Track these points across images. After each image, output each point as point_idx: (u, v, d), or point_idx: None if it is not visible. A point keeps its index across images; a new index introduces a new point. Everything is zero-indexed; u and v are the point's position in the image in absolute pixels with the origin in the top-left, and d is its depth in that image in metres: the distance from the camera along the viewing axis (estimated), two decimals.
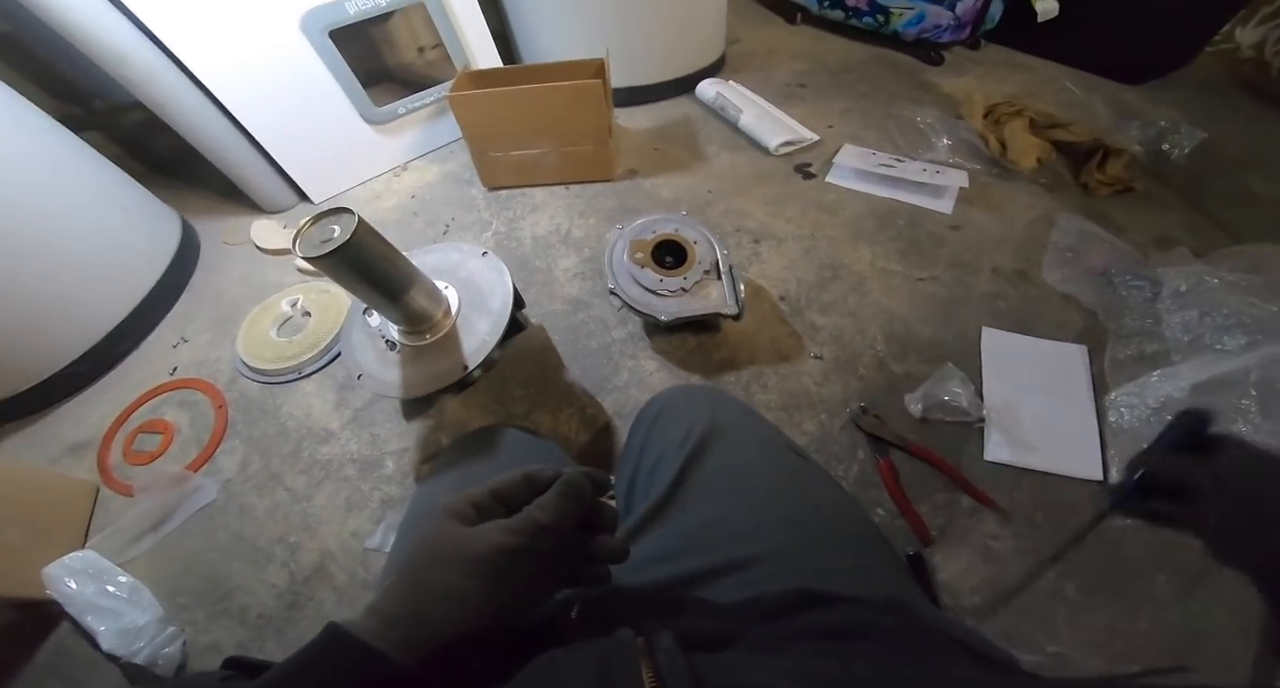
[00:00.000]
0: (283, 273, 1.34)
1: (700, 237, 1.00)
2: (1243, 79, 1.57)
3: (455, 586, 0.28)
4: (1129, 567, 0.77)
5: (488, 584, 0.28)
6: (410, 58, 1.59)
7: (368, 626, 0.26)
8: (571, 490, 0.32)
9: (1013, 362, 0.98)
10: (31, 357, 1.09)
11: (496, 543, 0.29)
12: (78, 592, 0.82)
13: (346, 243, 0.62)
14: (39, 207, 1.06)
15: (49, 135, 1.15)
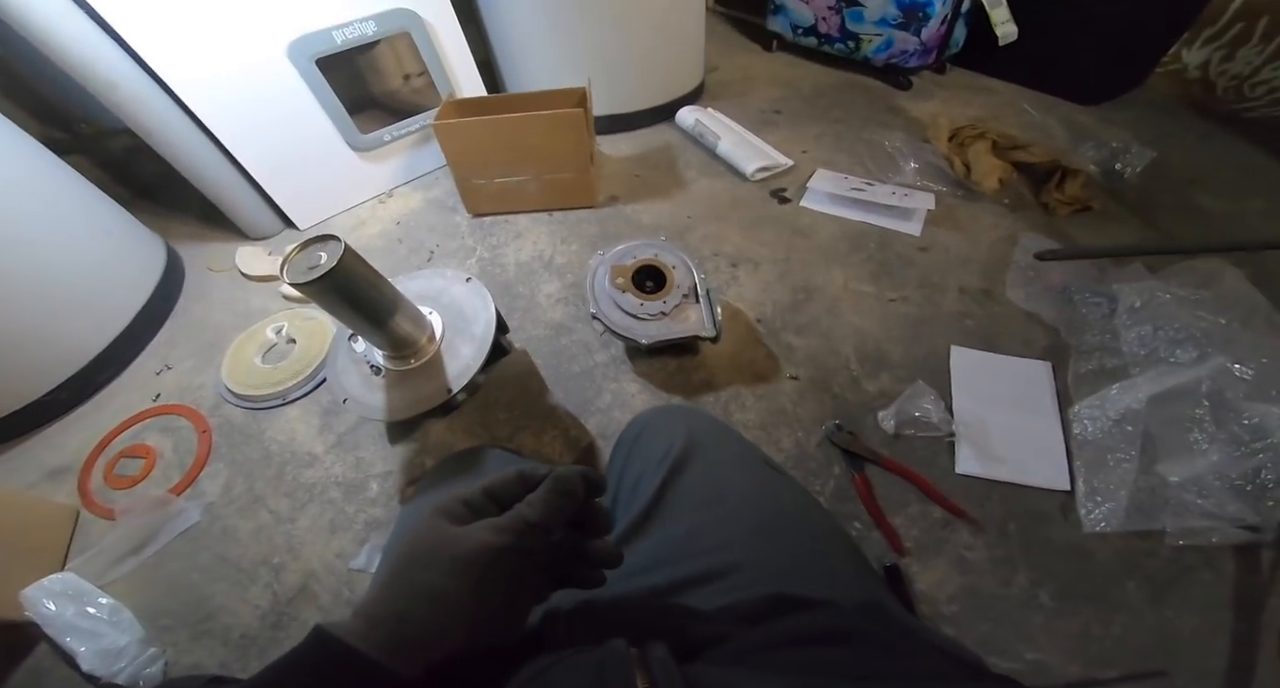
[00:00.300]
0: (268, 300, 1.35)
1: (679, 261, 1.04)
2: (1191, 98, 1.65)
3: (440, 586, 0.27)
4: (1100, 574, 0.80)
5: (473, 584, 0.27)
6: (396, 85, 1.63)
7: (352, 627, 0.26)
8: (562, 487, 0.32)
9: (981, 378, 1.02)
10: (11, 383, 1.08)
11: (482, 542, 0.28)
12: (57, 613, 0.82)
13: (333, 269, 0.64)
14: (22, 231, 1.07)
15: (33, 159, 1.15)
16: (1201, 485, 0.82)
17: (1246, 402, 0.84)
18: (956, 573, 0.81)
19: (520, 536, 0.29)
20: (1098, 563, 0.81)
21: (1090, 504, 0.84)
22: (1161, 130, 1.54)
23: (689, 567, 0.43)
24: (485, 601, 0.28)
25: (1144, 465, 0.86)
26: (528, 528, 0.30)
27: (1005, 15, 1.62)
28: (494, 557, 0.28)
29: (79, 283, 1.15)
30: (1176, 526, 0.81)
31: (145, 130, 1.21)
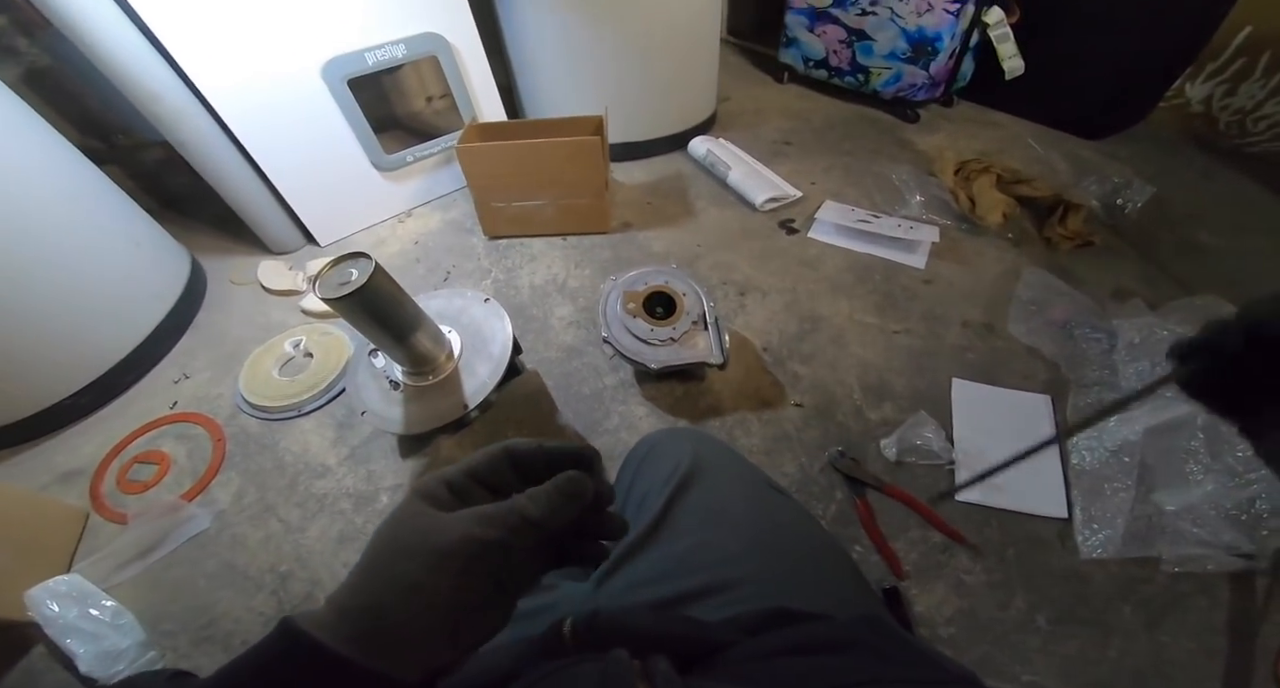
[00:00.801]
0: (286, 314, 1.38)
1: (689, 289, 1.07)
2: (1194, 133, 1.68)
3: (417, 579, 0.25)
4: (1097, 599, 0.81)
5: (454, 579, 0.25)
6: (419, 107, 1.68)
7: (320, 618, 0.24)
8: (571, 488, 0.29)
9: (981, 410, 1.05)
10: (34, 385, 1.11)
11: (468, 534, 0.26)
12: (60, 615, 0.83)
13: (363, 286, 0.67)
14: (58, 237, 1.11)
15: (75, 167, 1.20)
16: (1196, 514, 0.84)
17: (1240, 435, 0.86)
18: (955, 596, 0.83)
19: (514, 531, 0.27)
20: (1094, 588, 0.82)
21: (1088, 531, 0.86)
22: (1163, 165, 1.57)
23: (692, 580, 0.44)
24: (467, 594, 0.26)
25: (1140, 495, 0.88)
26: (524, 524, 0.27)
27: (1013, 50, 1.66)
28: (479, 550, 0.26)
29: (107, 290, 1.19)
30: (1172, 553, 0.83)
31: (181, 143, 1.26)
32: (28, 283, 1.05)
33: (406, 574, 0.25)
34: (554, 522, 0.28)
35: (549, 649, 0.38)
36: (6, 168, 1.03)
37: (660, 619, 0.40)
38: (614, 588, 0.48)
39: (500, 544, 0.26)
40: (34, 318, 1.07)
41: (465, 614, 0.26)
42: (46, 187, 1.11)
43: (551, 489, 0.29)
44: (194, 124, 1.23)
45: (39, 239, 1.07)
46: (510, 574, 0.28)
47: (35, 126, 1.14)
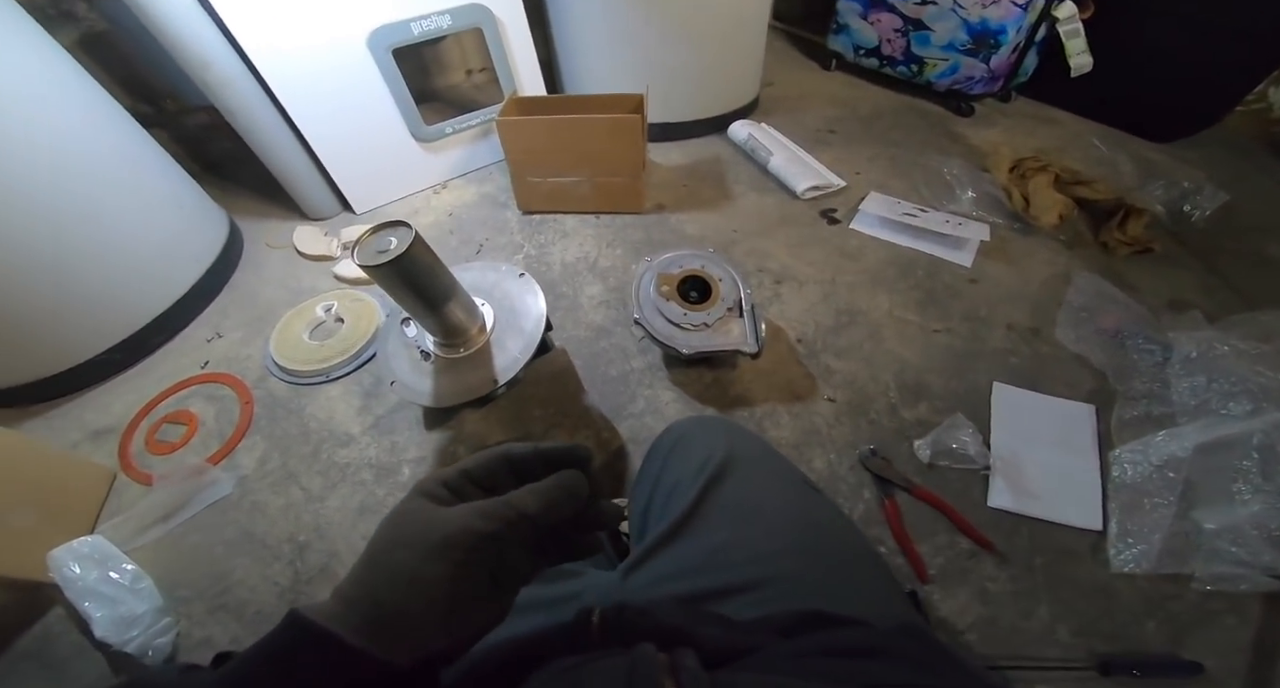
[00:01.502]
0: (319, 278, 1.38)
1: (725, 274, 1.04)
2: (1272, 140, 1.59)
3: (416, 569, 0.26)
4: (1122, 614, 0.79)
5: (452, 569, 0.26)
6: (458, 79, 1.67)
7: (327, 610, 0.25)
8: (569, 484, 0.31)
9: (1021, 416, 1.01)
10: (69, 340, 1.13)
11: (466, 527, 0.27)
12: (80, 576, 0.83)
13: (402, 255, 0.66)
14: (108, 196, 1.12)
15: (126, 130, 1.22)
16: (1238, 534, 0.81)
17: None
18: (978, 603, 0.81)
19: (510, 525, 0.28)
20: (1121, 602, 0.80)
21: (1121, 545, 0.84)
22: (1236, 172, 1.49)
23: (723, 577, 0.44)
24: (464, 586, 0.27)
25: (1180, 511, 0.85)
26: (520, 519, 0.28)
27: (1082, 46, 1.58)
28: (476, 542, 0.27)
29: (149, 249, 1.21)
30: (1206, 571, 0.80)
31: (228, 109, 1.27)
32: (74, 239, 1.07)
33: (405, 565, 0.26)
34: (550, 517, 0.29)
35: (575, 638, 0.38)
36: (62, 128, 1.05)
37: (689, 615, 0.39)
38: (641, 580, 0.47)
39: (496, 537, 0.27)
40: (76, 273, 1.08)
41: (461, 605, 0.27)
42: (99, 147, 1.12)
43: (550, 486, 0.30)
44: (241, 90, 1.25)
45: (89, 198, 1.09)
46: (505, 568, 0.29)
47: (89, 89, 1.15)
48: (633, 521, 0.61)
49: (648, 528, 0.55)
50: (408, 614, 0.25)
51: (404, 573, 0.26)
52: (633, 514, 0.61)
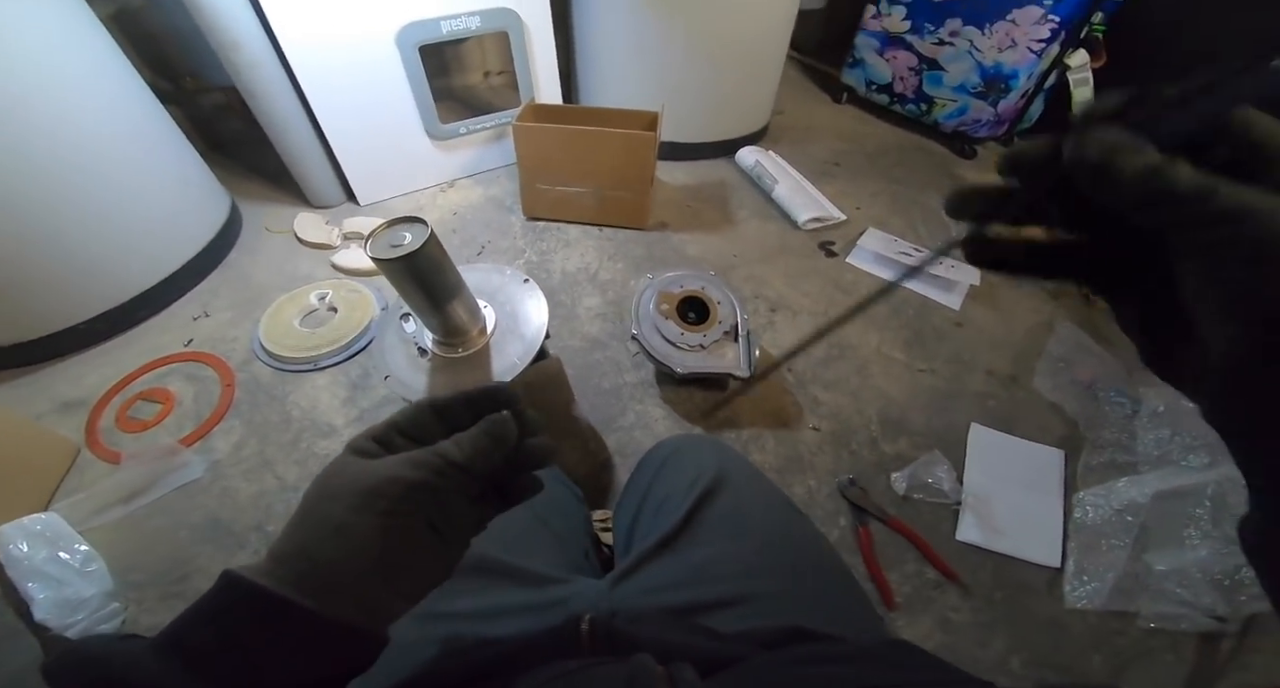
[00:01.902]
0: (315, 266, 1.37)
1: (725, 298, 1.06)
2: None
3: (343, 520, 0.26)
4: (1072, 647, 0.83)
5: (381, 520, 0.26)
6: (475, 80, 1.68)
7: (259, 566, 0.25)
8: (495, 430, 0.30)
9: (994, 456, 1.05)
10: (51, 306, 1.10)
11: (392, 475, 0.27)
12: (27, 555, 0.79)
13: (416, 252, 0.66)
14: (118, 166, 1.12)
15: (146, 104, 1.22)
16: (1184, 576, 0.85)
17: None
18: (939, 631, 0.84)
19: (439, 474, 0.27)
20: (1071, 636, 0.84)
21: (1076, 582, 0.88)
22: None
23: (712, 590, 0.44)
24: (397, 535, 0.26)
25: (1134, 553, 0.89)
26: (449, 467, 0.28)
27: (1088, 95, 1.61)
28: (403, 492, 0.26)
29: (147, 222, 1.19)
30: (1151, 610, 0.84)
31: (249, 91, 1.28)
32: (74, 204, 1.06)
33: (333, 517, 0.26)
34: (480, 464, 0.29)
35: (564, 644, 0.38)
36: (85, 95, 1.05)
37: (678, 627, 0.40)
38: (630, 589, 0.48)
39: (425, 485, 0.27)
40: (70, 239, 1.07)
41: (397, 555, 0.26)
42: (116, 117, 1.12)
43: (476, 433, 0.29)
44: (266, 74, 1.25)
45: (97, 164, 1.08)
46: (444, 518, 0.29)
47: (118, 61, 1.16)
48: (618, 531, 0.62)
49: (635, 539, 0.56)
50: (340, 567, 0.25)
51: (332, 525, 0.26)
52: (619, 525, 0.62)
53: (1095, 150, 0.18)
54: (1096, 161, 0.18)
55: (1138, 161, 0.17)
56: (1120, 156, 0.17)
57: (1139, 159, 0.17)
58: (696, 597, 0.44)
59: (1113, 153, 0.18)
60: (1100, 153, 0.18)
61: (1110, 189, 0.18)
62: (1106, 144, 0.18)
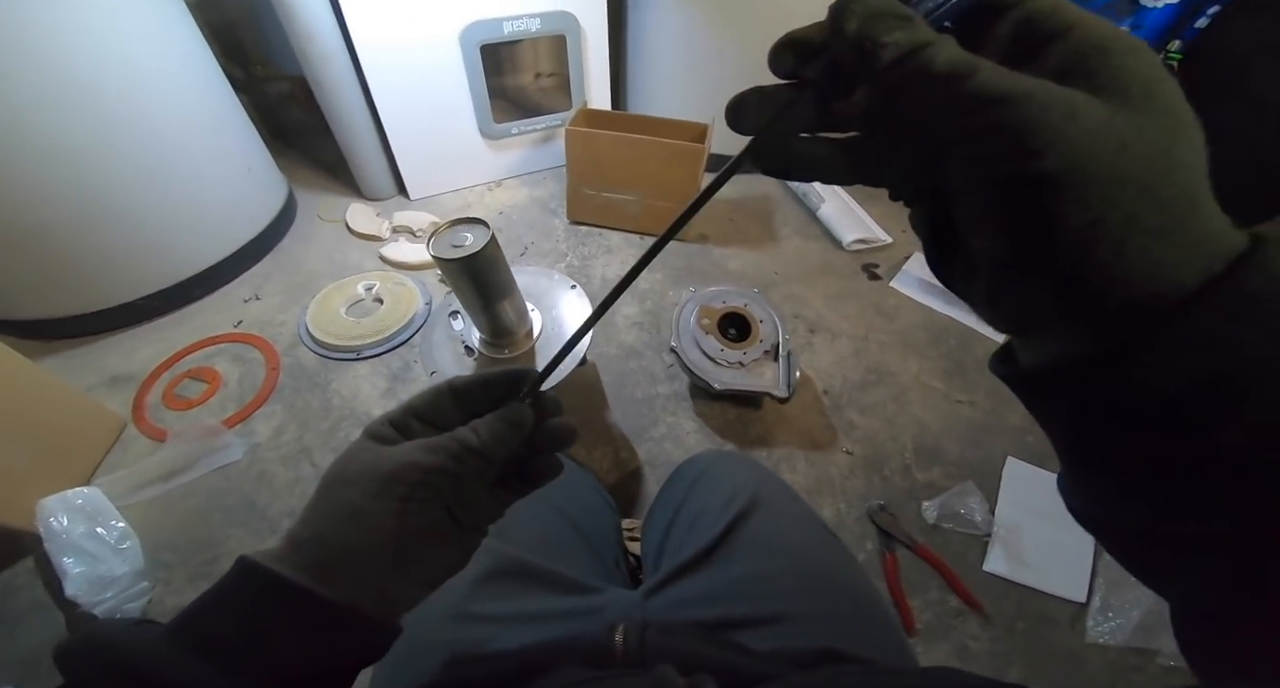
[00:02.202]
0: (365, 257, 1.40)
1: (767, 317, 1.05)
2: None
3: (360, 505, 0.25)
4: (1088, 682, 0.82)
5: (397, 504, 0.25)
6: (526, 81, 1.70)
7: (275, 552, 0.25)
8: (513, 417, 0.29)
9: (1029, 490, 1.03)
10: (112, 281, 1.15)
11: (409, 461, 0.26)
12: (67, 529, 0.80)
13: (478, 253, 0.67)
14: (190, 149, 1.16)
15: (220, 91, 1.27)
16: None
17: None
18: (956, 659, 0.84)
19: (456, 459, 0.26)
20: (1087, 671, 0.83)
21: (1101, 617, 0.87)
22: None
23: (745, 607, 0.45)
24: (413, 521, 0.26)
25: None
26: (466, 453, 0.27)
27: None
28: (421, 477, 0.26)
29: (211, 204, 1.23)
30: (1171, 647, 0.82)
31: (318, 82, 1.32)
32: (146, 183, 1.10)
33: (350, 502, 0.25)
34: (498, 450, 0.28)
35: (597, 653, 0.39)
36: (174, 83, 1.10)
37: (710, 642, 0.40)
38: (663, 602, 0.48)
39: (442, 471, 0.26)
40: (138, 217, 1.11)
41: (413, 542, 0.26)
42: (199, 105, 1.17)
43: (493, 419, 0.28)
44: (335, 66, 1.30)
45: (172, 146, 1.12)
46: (462, 505, 0.28)
47: (202, 50, 1.21)
48: (649, 543, 0.62)
49: (666, 553, 0.56)
50: (355, 552, 0.25)
51: (349, 510, 0.25)
52: (649, 537, 0.62)
53: (855, 21, 0.16)
54: (854, 34, 0.16)
55: (897, 37, 0.15)
56: (878, 28, 0.15)
57: (899, 34, 0.15)
58: (729, 613, 0.44)
59: (872, 23, 0.16)
60: (859, 24, 0.16)
61: (867, 69, 0.16)
62: (868, 11, 0.16)
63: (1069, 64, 0.15)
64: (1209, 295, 0.15)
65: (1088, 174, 0.14)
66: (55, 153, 0.97)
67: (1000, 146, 0.15)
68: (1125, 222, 0.14)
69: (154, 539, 0.88)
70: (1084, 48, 0.15)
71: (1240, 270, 0.14)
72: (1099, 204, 0.14)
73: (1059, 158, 0.14)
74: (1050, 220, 0.15)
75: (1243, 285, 0.14)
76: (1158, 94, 0.15)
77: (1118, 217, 0.14)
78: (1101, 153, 0.14)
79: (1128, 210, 0.14)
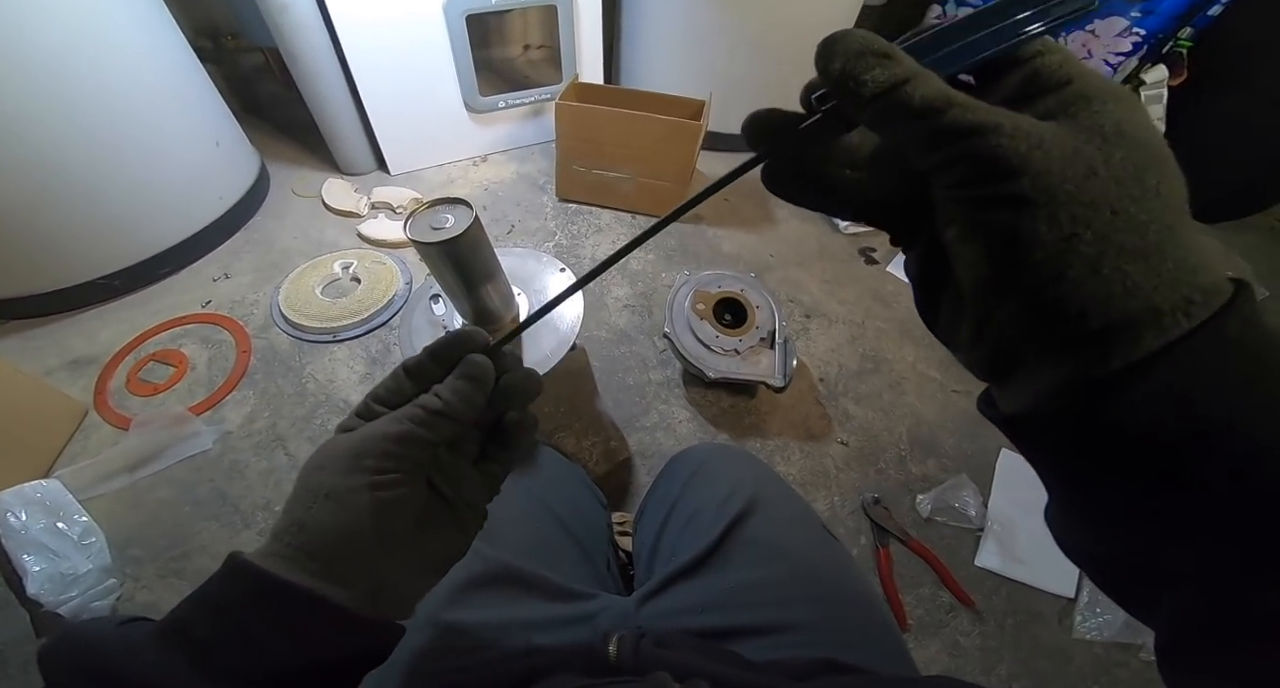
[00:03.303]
0: (342, 234, 1.34)
1: (764, 302, 1.02)
2: None
3: (332, 485, 0.24)
4: (1073, 676, 0.83)
5: (368, 477, 0.24)
6: (514, 53, 1.64)
7: (261, 548, 0.24)
8: (470, 370, 0.27)
9: (1022, 484, 1.02)
10: (73, 259, 1.08)
11: (375, 433, 0.25)
12: (25, 524, 0.76)
13: (459, 237, 0.62)
14: (151, 120, 1.09)
15: (185, 62, 1.20)
16: None
17: None
18: (946, 655, 0.84)
19: (422, 424, 0.25)
20: (1074, 666, 0.84)
21: (1088, 613, 0.88)
22: (1273, 266, 1.48)
23: (743, 616, 0.44)
24: (387, 494, 0.24)
25: None
26: (429, 416, 0.25)
27: (1160, 113, 1.52)
28: (387, 447, 0.24)
29: (176, 179, 1.16)
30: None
31: (291, 54, 1.25)
32: (106, 158, 1.03)
33: (321, 484, 0.24)
34: (461, 407, 0.26)
35: (592, 661, 0.38)
36: (125, 48, 1.03)
37: (709, 653, 0.40)
38: (658, 609, 0.47)
39: (409, 437, 0.25)
40: (99, 193, 1.04)
41: (395, 520, 0.25)
42: (153, 70, 1.09)
43: (451, 378, 0.27)
44: (310, 37, 1.23)
45: (132, 119, 1.06)
46: (446, 477, 0.27)
47: (164, 18, 1.15)
48: (641, 541, 0.60)
49: (660, 552, 0.55)
50: (336, 535, 0.23)
51: (321, 492, 0.24)
52: (642, 535, 0.60)
53: (838, 60, 0.16)
54: (837, 72, 0.16)
55: (876, 73, 0.16)
56: (859, 65, 0.16)
57: (878, 71, 0.16)
58: (727, 622, 0.44)
59: (854, 61, 0.16)
60: (841, 63, 0.16)
61: (853, 105, 0.17)
62: (849, 50, 0.16)
63: (1057, 109, 0.16)
64: (1190, 341, 0.15)
65: (1057, 195, 0.15)
66: (9, 126, 0.91)
67: (976, 172, 0.16)
68: (1099, 240, 0.15)
69: (121, 534, 0.83)
70: (1072, 96, 0.16)
71: (1223, 315, 0.15)
72: (1070, 222, 0.15)
73: (1029, 180, 0.15)
74: (1026, 238, 0.15)
75: (1225, 329, 0.15)
76: (1129, 131, 0.16)
77: (1090, 235, 0.15)
78: (1070, 177, 0.15)
79: (1100, 230, 0.15)
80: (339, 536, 0.23)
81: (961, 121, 0.15)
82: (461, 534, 0.28)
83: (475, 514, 0.29)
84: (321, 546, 0.23)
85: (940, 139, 0.16)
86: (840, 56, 0.16)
